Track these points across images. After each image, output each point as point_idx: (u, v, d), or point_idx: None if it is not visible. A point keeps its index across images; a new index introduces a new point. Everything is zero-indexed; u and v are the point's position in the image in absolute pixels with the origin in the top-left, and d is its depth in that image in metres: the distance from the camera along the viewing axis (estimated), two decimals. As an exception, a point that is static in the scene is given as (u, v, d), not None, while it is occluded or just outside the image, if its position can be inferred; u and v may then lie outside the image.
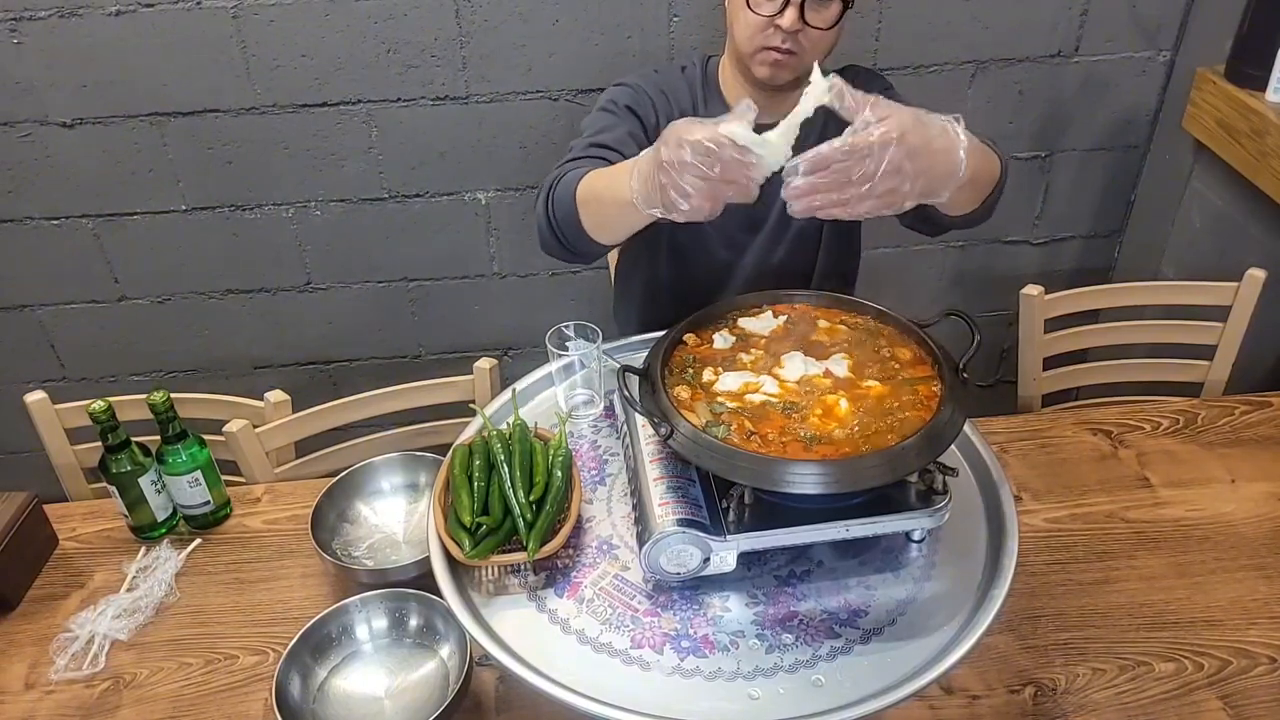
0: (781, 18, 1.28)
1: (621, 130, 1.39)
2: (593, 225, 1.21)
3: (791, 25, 1.28)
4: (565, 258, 1.32)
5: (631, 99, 1.44)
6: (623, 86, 1.47)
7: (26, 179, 2.01)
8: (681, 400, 1.05)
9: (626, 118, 1.42)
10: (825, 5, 1.30)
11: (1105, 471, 1.47)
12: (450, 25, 1.91)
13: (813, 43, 1.32)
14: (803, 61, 1.34)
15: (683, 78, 1.49)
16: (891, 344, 1.15)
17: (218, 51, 1.89)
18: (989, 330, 2.42)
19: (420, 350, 2.35)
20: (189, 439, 1.38)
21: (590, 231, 1.22)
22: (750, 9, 1.31)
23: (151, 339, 2.26)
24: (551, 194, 1.26)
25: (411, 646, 1.21)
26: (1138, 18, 2.01)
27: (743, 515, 1.00)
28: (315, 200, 2.09)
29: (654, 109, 1.45)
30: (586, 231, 1.22)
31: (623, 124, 1.41)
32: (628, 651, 0.97)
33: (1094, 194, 2.26)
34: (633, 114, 1.43)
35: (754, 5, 1.30)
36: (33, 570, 1.37)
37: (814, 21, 1.29)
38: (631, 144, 1.38)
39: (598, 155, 1.33)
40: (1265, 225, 1.85)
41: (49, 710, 1.18)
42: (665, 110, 1.46)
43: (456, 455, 1.14)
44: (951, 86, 2.06)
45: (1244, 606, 1.25)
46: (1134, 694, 1.14)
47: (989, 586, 1.01)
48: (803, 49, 1.32)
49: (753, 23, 1.31)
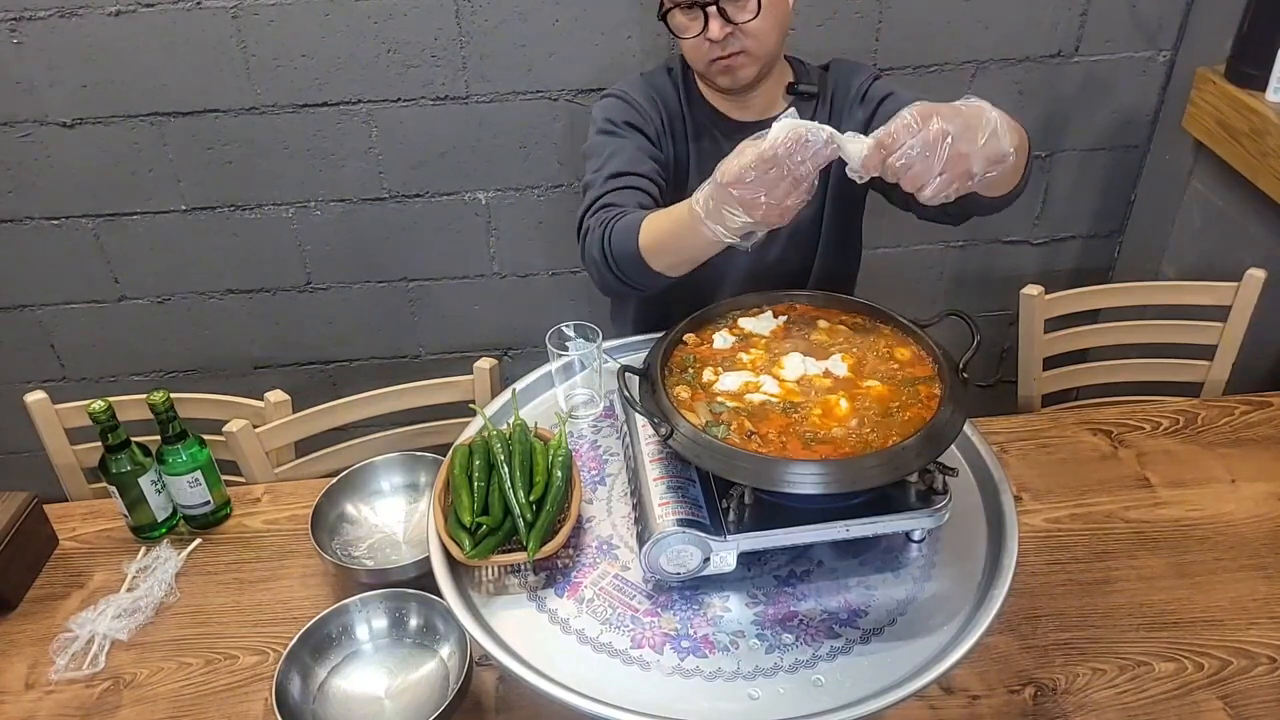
0: (708, 30, 1.31)
1: (630, 150, 1.40)
2: (666, 264, 1.22)
3: (719, 34, 1.31)
4: (625, 293, 1.35)
5: (626, 113, 1.45)
6: (612, 99, 1.48)
7: (26, 179, 2.01)
8: (681, 400, 1.06)
9: (630, 134, 1.43)
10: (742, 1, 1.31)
11: (1105, 471, 1.47)
12: (450, 25, 1.91)
13: (754, 34, 1.33)
14: (757, 54, 1.36)
15: (669, 79, 1.51)
16: (891, 344, 1.15)
17: (218, 51, 1.89)
18: (989, 330, 2.42)
19: (420, 350, 2.35)
20: (189, 439, 1.38)
21: (664, 271, 1.23)
22: (680, 36, 1.35)
23: (151, 339, 2.26)
24: (608, 245, 1.26)
25: (411, 646, 1.21)
26: (1138, 18, 2.01)
27: (743, 515, 1.00)
28: (315, 200, 2.09)
29: (650, 115, 1.46)
30: (656, 271, 1.23)
31: (629, 142, 1.42)
32: (628, 651, 0.97)
33: (1094, 194, 2.26)
34: (633, 128, 1.44)
35: (681, 31, 1.35)
36: (33, 570, 1.37)
37: (739, 18, 1.31)
38: (645, 161, 1.40)
39: (624, 186, 1.35)
40: (1265, 225, 1.85)
41: (49, 710, 1.18)
42: (660, 112, 1.47)
43: (456, 455, 1.14)
44: (951, 86, 2.06)
45: (1244, 606, 1.25)
46: (1134, 694, 1.14)
47: (989, 586, 1.01)
48: (746, 45, 1.33)
49: (689, 45, 1.36)
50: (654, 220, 1.22)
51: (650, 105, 1.46)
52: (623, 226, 1.25)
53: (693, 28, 1.32)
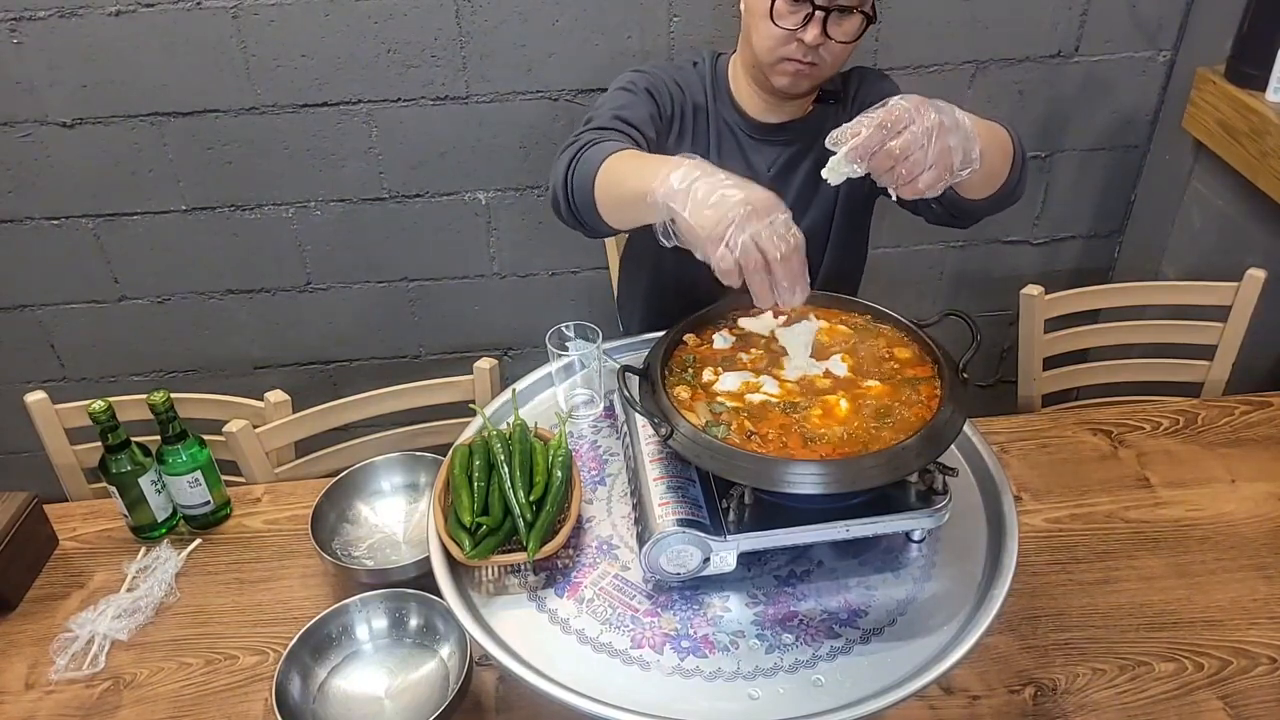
0: (804, 32, 1.27)
1: (643, 111, 1.38)
2: (605, 205, 1.17)
3: (815, 40, 1.27)
4: (570, 224, 1.29)
5: (650, 84, 1.43)
6: (640, 73, 1.46)
7: (26, 179, 2.01)
8: (681, 400, 1.05)
9: (646, 100, 1.41)
10: (847, 18, 1.29)
11: (1105, 471, 1.47)
12: (450, 25, 1.91)
13: (833, 55, 1.32)
14: (821, 73, 1.33)
15: (694, 72, 1.48)
16: (891, 344, 1.15)
17: (218, 51, 1.89)
18: (989, 330, 2.42)
19: (420, 350, 2.35)
20: (189, 439, 1.38)
21: (601, 210, 1.19)
22: (773, 21, 1.29)
23: (151, 339, 2.26)
24: (575, 161, 1.22)
25: (411, 646, 1.21)
26: (1138, 18, 2.01)
27: (743, 515, 1.00)
28: (315, 200, 2.09)
29: (670, 98, 1.44)
30: (598, 208, 1.19)
31: (643, 105, 1.40)
32: (628, 651, 0.97)
33: (1094, 194, 2.26)
34: (651, 98, 1.42)
35: (777, 18, 1.28)
36: (33, 570, 1.37)
37: (836, 35, 1.28)
38: (651, 127, 1.37)
39: (623, 130, 1.31)
40: (1265, 225, 1.85)
41: (49, 710, 1.18)
42: (679, 100, 1.45)
43: (456, 455, 1.14)
44: (951, 86, 2.06)
45: (1244, 606, 1.25)
46: (1134, 694, 1.14)
47: (989, 586, 1.01)
48: (823, 61, 1.31)
49: (774, 34, 1.30)
50: (624, 157, 1.16)
51: (674, 88, 1.45)
52: (597, 152, 1.20)
53: (789, 20, 1.28)
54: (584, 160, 1.21)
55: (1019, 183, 1.21)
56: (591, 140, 1.24)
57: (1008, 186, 1.20)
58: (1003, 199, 1.22)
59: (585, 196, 1.20)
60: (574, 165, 1.22)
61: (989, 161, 1.09)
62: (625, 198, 1.11)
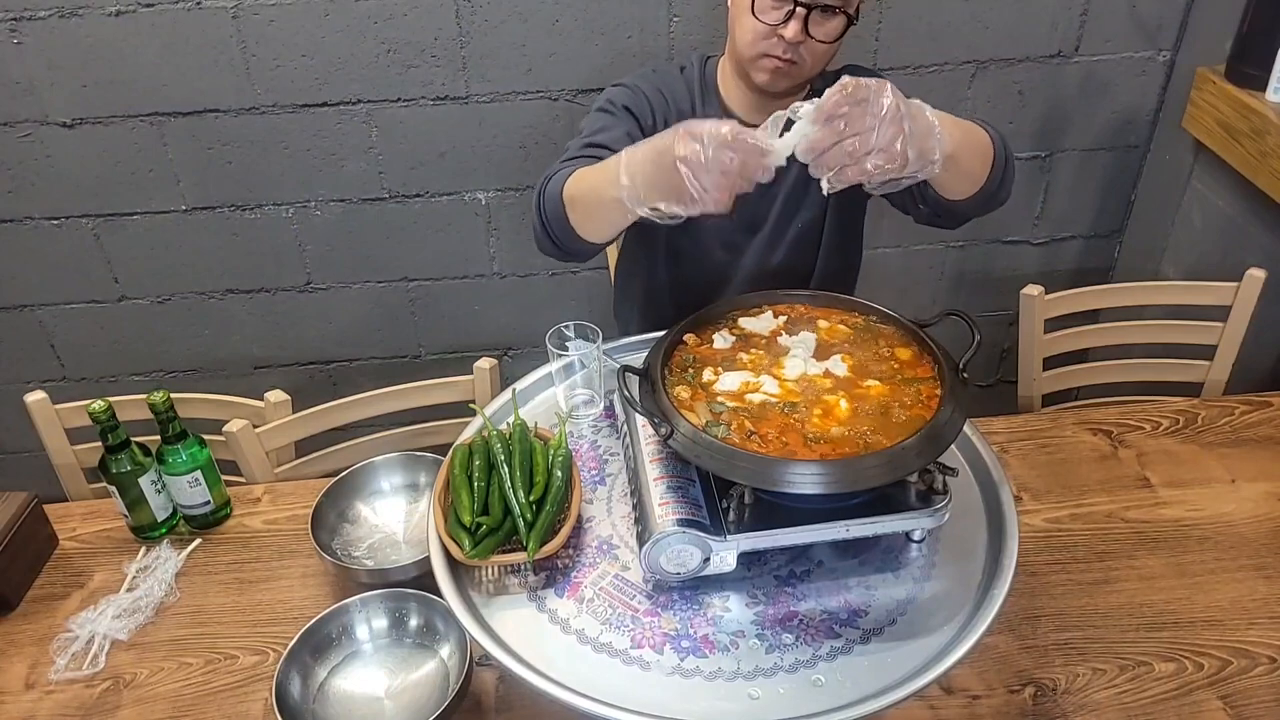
0: (785, 28, 1.28)
1: (619, 130, 1.39)
2: (580, 222, 1.21)
3: (795, 37, 1.28)
4: (558, 257, 1.32)
5: (629, 99, 1.44)
6: (621, 87, 1.47)
7: (26, 179, 2.01)
8: (681, 400, 1.06)
9: (624, 118, 1.42)
10: (829, 18, 1.29)
11: (1105, 471, 1.47)
12: (450, 25, 1.91)
13: (814, 55, 1.32)
14: (802, 71, 1.34)
15: (681, 78, 1.49)
16: (891, 344, 1.15)
17: (218, 51, 1.89)
18: (989, 330, 2.42)
19: (420, 350, 2.35)
20: (189, 439, 1.38)
21: (578, 229, 1.22)
22: (755, 16, 1.30)
23: (151, 339, 2.26)
24: (543, 193, 1.27)
25: (411, 646, 1.21)
26: (1138, 18, 2.01)
27: (743, 515, 1.00)
28: (315, 200, 2.09)
29: (651, 109, 1.44)
30: (575, 229, 1.22)
31: (620, 124, 1.41)
32: (628, 651, 0.97)
33: (1094, 194, 2.26)
34: (630, 114, 1.43)
35: (758, 13, 1.29)
36: (33, 570, 1.37)
37: (817, 34, 1.29)
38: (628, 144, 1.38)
39: (593, 155, 1.32)
40: (1265, 225, 1.85)
41: (49, 710, 1.18)
42: (663, 110, 1.45)
43: (456, 455, 1.14)
44: (951, 86, 2.06)
45: (1244, 606, 1.25)
46: (1134, 694, 1.14)
47: (989, 586, 1.01)
48: (803, 59, 1.31)
49: (756, 30, 1.31)
50: (584, 170, 1.20)
51: (656, 98, 1.45)
52: (559, 177, 1.24)
53: (771, 16, 1.29)
54: (548, 193, 1.25)
55: (1001, 184, 1.21)
56: (555, 172, 1.28)
57: (989, 188, 1.20)
58: (986, 200, 1.22)
59: (561, 223, 1.23)
60: (542, 200, 1.27)
61: (964, 162, 1.09)
62: (593, 204, 1.16)
